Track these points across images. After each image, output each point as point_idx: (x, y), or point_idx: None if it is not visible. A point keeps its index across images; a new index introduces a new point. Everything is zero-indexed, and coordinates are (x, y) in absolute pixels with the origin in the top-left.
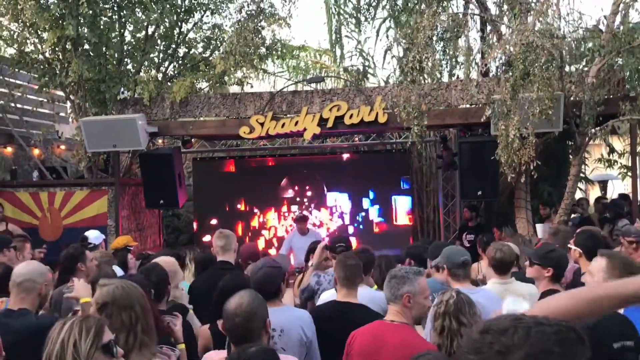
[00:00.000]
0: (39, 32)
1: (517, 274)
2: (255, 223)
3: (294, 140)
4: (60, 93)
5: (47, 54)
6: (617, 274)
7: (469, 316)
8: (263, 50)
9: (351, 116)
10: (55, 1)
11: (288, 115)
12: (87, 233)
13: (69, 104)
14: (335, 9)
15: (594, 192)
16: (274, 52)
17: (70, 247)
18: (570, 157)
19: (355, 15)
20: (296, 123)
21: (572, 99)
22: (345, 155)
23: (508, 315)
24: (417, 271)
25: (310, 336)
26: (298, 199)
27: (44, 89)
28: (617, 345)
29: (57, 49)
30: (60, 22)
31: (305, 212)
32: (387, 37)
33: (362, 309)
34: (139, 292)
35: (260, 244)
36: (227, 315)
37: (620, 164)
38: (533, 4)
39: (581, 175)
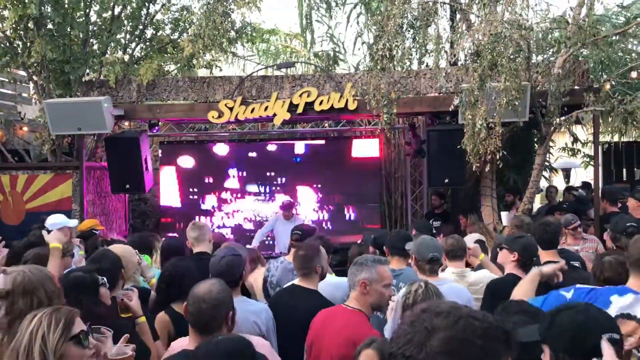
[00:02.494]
0: None
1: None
2: (222, 207)
3: (263, 126)
4: (23, 73)
5: (8, 33)
6: None
7: None
8: (232, 33)
9: (321, 102)
10: None
11: (257, 100)
12: (49, 218)
13: (31, 85)
14: None
15: (558, 180)
16: (243, 36)
17: (31, 236)
18: (536, 145)
19: (326, 0)
20: (266, 108)
21: (538, 89)
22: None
23: (451, 302)
24: (377, 259)
25: (264, 331)
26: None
27: (5, 69)
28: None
29: (18, 27)
30: (22, 0)
31: (290, 199)
32: (358, 23)
33: (312, 293)
34: (45, 276)
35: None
36: (194, 299)
37: (584, 153)
38: None
39: (545, 163)
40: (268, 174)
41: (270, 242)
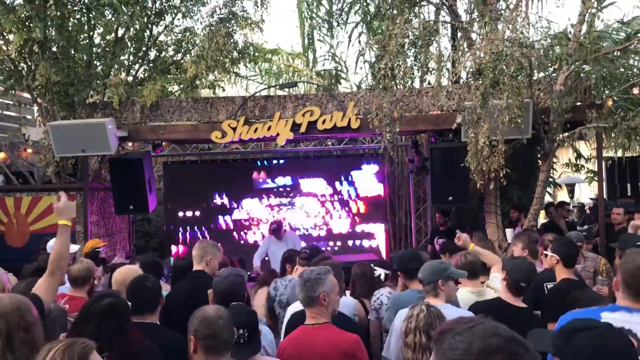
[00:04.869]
0: (4, 34)
1: None
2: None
3: (266, 145)
4: (27, 96)
5: (13, 56)
6: None
7: None
8: (235, 54)
9: (324, 121)
10: (22, 3)
11: (260, 120)
12: (50, 241)
13: (36, 107)
14: (307, 12)
15: (562, 196)
16: (246, 56)
17: (41, 260)
18: (539, 161)
19: (327, 19)
20: (269, 128)
21: (540, 106)
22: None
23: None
24: (325, 270)
25: (270, 352)
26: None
27: (10, 92)
28: None
29: (23, 51)
30: (27, 24)
31: (278, 219)
32: (360, 42)
33: (339, 316)
34: (17, 303)
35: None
36: (208, 319)
37: (587, 168)
38: (503, 12)
39: (549, 179)
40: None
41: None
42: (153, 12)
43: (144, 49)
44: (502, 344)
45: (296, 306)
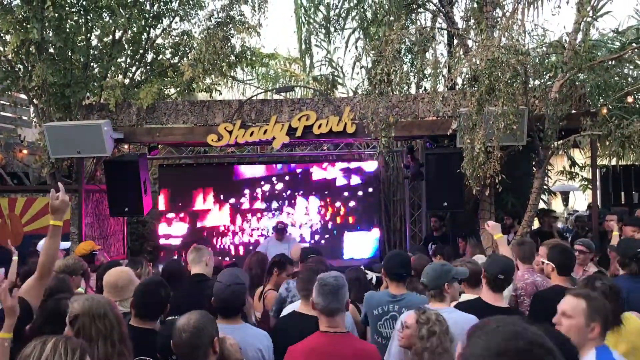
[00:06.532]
0: (1, 35)
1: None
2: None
3: (262, 149)
4: (23, 96)
5: (9, 57)
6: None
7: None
8: (232, 58)
9: (320, 126)
10: (19, 3)
11: (257, 124)
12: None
13: (32, 108)
14: (305, 18)
15: (557, 203)
16: (243, 60)
17: (32, 264)
18: (534, 169)
19: (325, 25)
20: (265, 132)
21: (535, 113)
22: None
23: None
24: (342, 276)
25: (267, 357)
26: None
27: (6, 93)
28: None
29: (20, 52)
30: (24, 25)
31: (283, 221)
32: (356, 47)
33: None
34: (109, 302)
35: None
36: (175, 331)
37: (582, 176)
38: (499, 19)
39: (544, 186)
40: (269, 194)
41: None
42: (151, 15)
43: (141, 51)
44: (526, 347)
45: (293, 305)
